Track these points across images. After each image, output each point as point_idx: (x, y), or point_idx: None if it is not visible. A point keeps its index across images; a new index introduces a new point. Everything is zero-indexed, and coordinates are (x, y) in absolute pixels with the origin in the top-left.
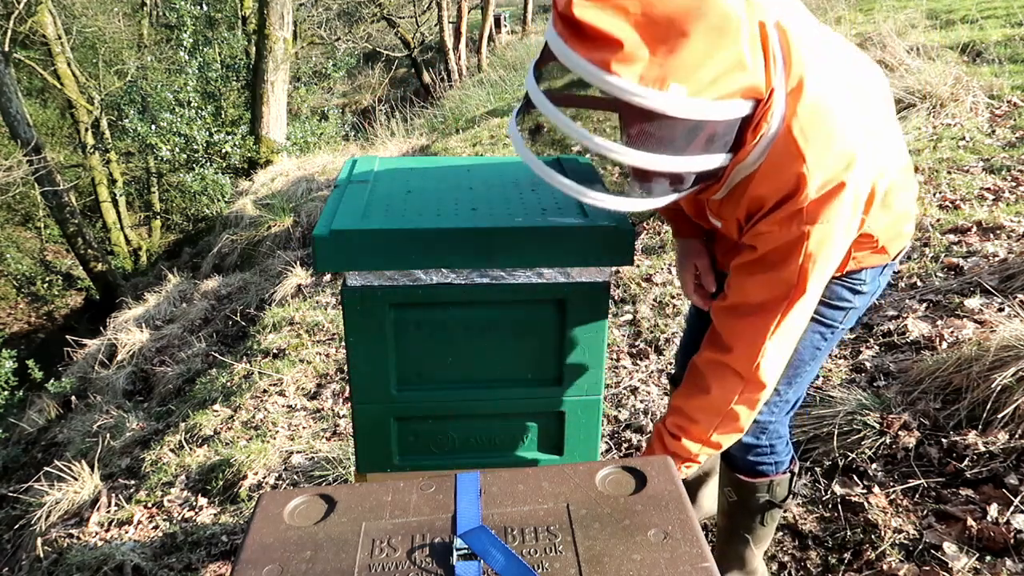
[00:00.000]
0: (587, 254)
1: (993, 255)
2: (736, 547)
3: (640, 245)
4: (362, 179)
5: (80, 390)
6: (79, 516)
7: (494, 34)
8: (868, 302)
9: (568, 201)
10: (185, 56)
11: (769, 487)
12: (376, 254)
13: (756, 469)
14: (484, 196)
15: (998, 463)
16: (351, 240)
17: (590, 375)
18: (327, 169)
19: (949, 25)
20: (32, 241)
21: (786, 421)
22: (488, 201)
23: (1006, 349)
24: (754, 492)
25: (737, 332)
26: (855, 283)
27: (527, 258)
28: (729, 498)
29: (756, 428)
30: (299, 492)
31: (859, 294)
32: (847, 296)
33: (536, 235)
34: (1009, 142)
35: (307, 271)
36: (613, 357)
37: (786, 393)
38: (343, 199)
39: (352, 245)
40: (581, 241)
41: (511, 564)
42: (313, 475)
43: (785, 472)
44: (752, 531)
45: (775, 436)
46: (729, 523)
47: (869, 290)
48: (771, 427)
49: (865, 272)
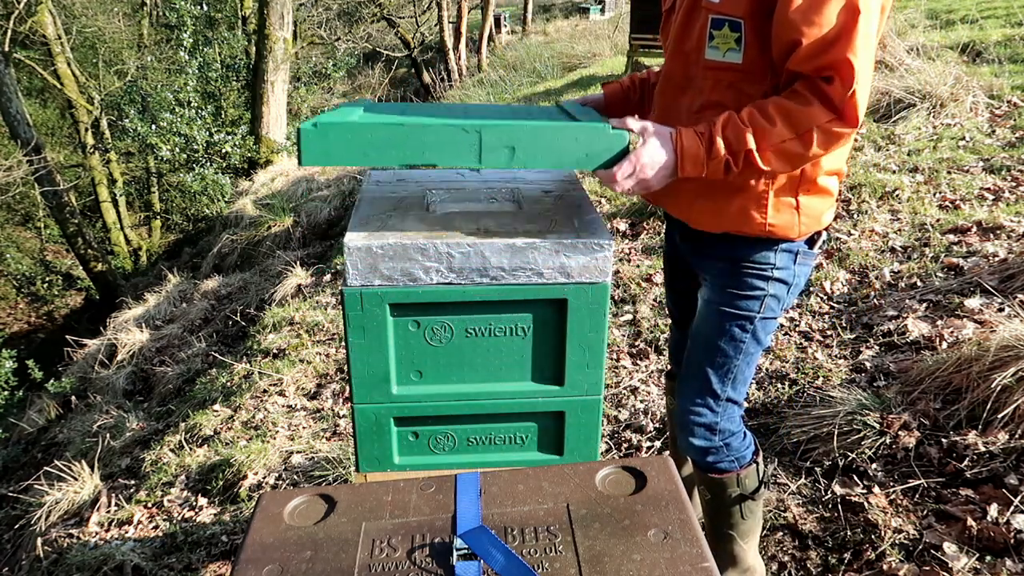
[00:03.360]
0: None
1: (993, 255)
2: (725, 545)
3: (640, 245)
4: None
5: (80, 390)
6: (79, 516)
7: (494, 34)
8: (785, 292)
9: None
10: (185, 56)
11: (738, 481)
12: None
13: (717, 468)
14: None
15: (998, 463)
16: (336, 133)
17: (590, 375)
18: (327, 169)
19: (949, 25)
20: (32, 241)
21: (735, 418)
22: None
23: (1006, 349)
24: (725, 488)
25: (825, 65)
26: (762, 268)
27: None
28: (704, 497)
29: (704, 430)
30: (299, 492)
31: (770, 280)
32: (758, 284)
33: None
34: (1009, 142)
35: (307, 271)
36: (613, 357)
37: (724, 392)
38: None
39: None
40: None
41: (511, 564)
42: (313, 475)
43: (749, 464)
44: (735, 527)
45: (727, 435)
46: (712, 523)
47: (783, 276)
48: (719, 427)
49: (774, 254)
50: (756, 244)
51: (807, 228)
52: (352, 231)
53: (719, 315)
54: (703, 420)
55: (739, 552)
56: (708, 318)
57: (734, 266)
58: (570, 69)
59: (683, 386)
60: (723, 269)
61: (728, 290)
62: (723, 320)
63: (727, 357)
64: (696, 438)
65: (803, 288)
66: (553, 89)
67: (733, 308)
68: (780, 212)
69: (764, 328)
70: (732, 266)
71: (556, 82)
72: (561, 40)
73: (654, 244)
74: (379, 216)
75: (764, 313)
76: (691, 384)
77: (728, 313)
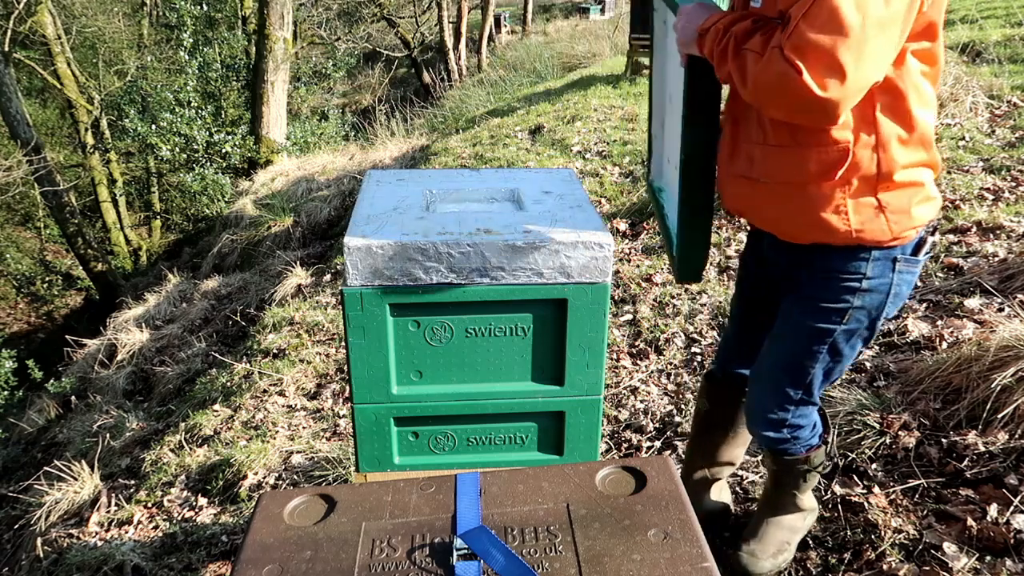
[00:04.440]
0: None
1: (993, 255)
2: (786, 496)
3: (640, 245)
4: None
5: (80, 390)
6: (79, 516)
7: (494, 34)
8: (879, 303)
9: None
10: (185, 56)
11: (806, 460)
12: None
13: (787, 452)
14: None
15: (998, 463)
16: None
17: (590, 375)
18: (327, 169)
19: (949, 25)
20: (32, 241)
21: (807, 414)
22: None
23: (1006, 349)
24: (792, 465)
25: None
26: (851, 278)
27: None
28: (769, 467)
29: (775, 425)
30: (299, 492)
31: (858, 292)
32: (844, 296)
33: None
34: (1009, 142)
35: (307, 271)
36: (613, 357)
37: (797, 395)
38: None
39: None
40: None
41: (511, 564)
42: (313, 475)
43: (818, 446)
44: (800, 486)
45: (796, 429)
46: (778, 482)
47: (875, 287)
48: (789, 422)
49: (866, 264)
50: (846, 253)
51: (900, 228)
52: (352, 231)
53: (798, 326)
54: (774, 418)
55: (799, 501)
56: (788, 326)
57: (823, 276)
58: (570, 69)
59: (756, 383)
60: (811, 279)
61: (812, 301)
62: (802, 331)
63: (803, 367)
64: (766, 431)
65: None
66: (553, 89)
67: (814, 320)
68: (861, 214)
69: (846, 340)
70: (821, 276)
71: (556, 82)
72: (561, 40)
73: (654, 244)
74: (379, 216)
75: (848, 325)
76: (764, 384)
77: (808, 326)
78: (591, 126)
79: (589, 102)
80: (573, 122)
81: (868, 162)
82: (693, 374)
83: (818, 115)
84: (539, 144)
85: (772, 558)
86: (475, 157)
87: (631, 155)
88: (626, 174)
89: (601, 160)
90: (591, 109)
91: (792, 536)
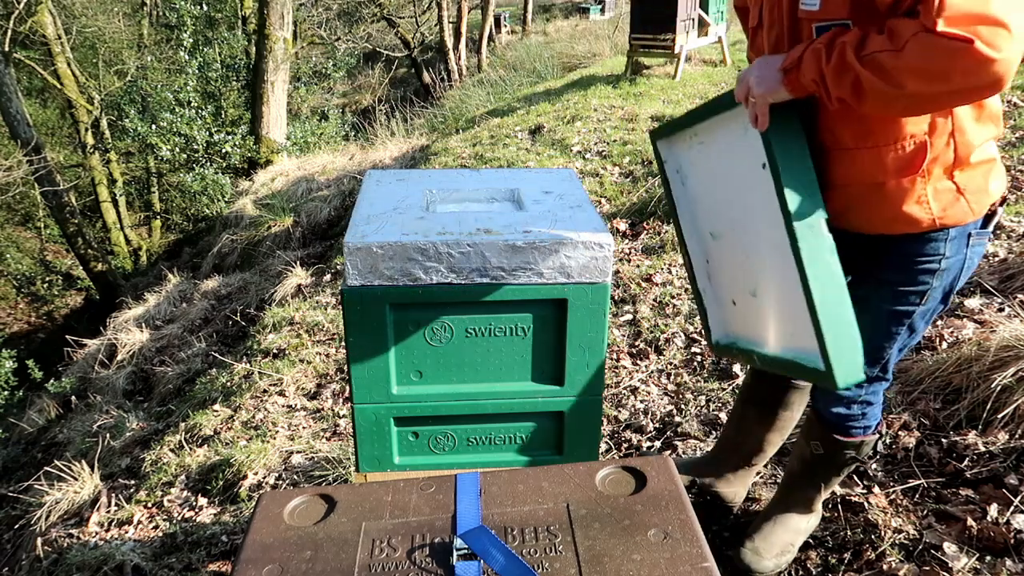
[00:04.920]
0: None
1: (993, 255)
2: (807, 493)
3: (640, 245)
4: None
5: (80, 390)
6: (79, 516)
7: (494, 34)
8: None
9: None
10: (185, 56)
11: (859, 446)
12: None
13: (848, 429)
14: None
15: (998, 463)
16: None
17: (590, 375)
18: (327, 169)
19: None
20: (32, 241)
21: (879, 392)
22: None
23: (1006, 349)
24: (843, 449)
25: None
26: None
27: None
28: (815, 451)
29: (847, 402)
30: (299, 492)
31: (937, 272)
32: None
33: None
34: (1009, 142)
35: (307, 271)
36: (613, 357)
37: (873, 372)
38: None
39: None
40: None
41: (511, 564)
42: (313, 475)
43: (874, 434)
44: (829, 482)
45: (866, 406)
46: (809, 472)
47: (952, 265)
48: (862, 398)
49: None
50: (926, 237)
51: (980, 207)
52: (352, 231)
53: (878, 311)
54: (849, 394)
55: (816, 500)
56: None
57: (902, 262)
58: (570, 69)
59: None
60: (894, 265)
61: (892, 287)
62: (881, 316)
63: (881, 348)
64: (836, 407)
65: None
66: (553, 89)
67: (893, 304)
68: (941, 200)
69: (923, 318)
70: (903, 261)
71: (556, 82)
72: (561, 40)
73: (654, 244)
74: (379, 216)
75: (926, 305)
76: None
77: (888, 310)
78: (591, 126)
79: (589, 102)
80: (573, 122)
81: (946, 149)
82: (693, 374)
83: (993, 82)
84: (539, 144)
85: (775, 558)
86: (475, 157)
87: (631, 155)
88: (626, 174)
89: (601, 160)
90: (591, 109)
91: (796, 538)
